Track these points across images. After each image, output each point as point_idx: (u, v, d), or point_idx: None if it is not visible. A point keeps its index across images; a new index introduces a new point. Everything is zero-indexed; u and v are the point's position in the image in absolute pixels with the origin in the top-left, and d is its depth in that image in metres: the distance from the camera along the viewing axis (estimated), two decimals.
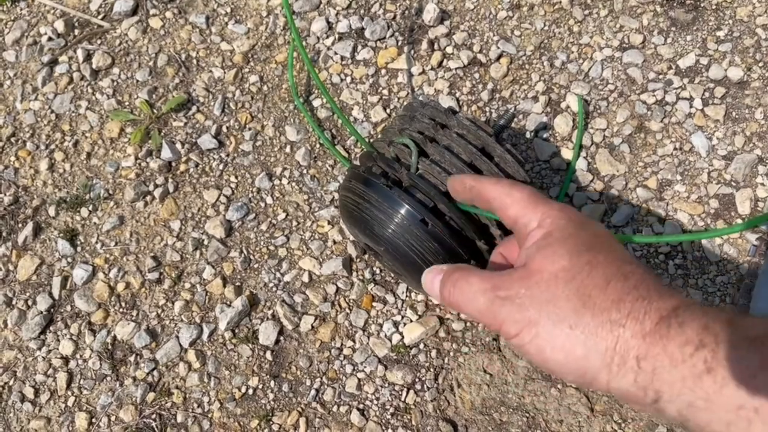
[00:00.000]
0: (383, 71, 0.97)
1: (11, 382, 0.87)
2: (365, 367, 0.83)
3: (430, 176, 0.64)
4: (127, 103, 1.00)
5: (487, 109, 0.93)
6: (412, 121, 0.70)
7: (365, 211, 0.67)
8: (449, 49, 0.96)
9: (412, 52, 0.97)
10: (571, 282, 0.38)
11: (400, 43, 0.98)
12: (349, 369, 0.83)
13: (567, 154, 0.89)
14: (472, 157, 0.64)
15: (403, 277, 0.76)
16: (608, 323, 0.36)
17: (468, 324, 0.83)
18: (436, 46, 0.97)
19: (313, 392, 0.82)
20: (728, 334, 0.31)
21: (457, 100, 0.93)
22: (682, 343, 0.32)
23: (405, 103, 0.90)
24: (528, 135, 0.91)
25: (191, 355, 0.85)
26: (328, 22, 1.00)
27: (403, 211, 0.64)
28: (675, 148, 0.87)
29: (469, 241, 0.65)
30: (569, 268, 0.38)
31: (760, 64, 0.89)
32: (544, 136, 0.90)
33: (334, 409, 0.82)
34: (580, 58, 0.94)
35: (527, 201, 0.44)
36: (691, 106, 0.89)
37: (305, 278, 0.87)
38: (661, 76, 0.91)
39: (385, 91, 0.96)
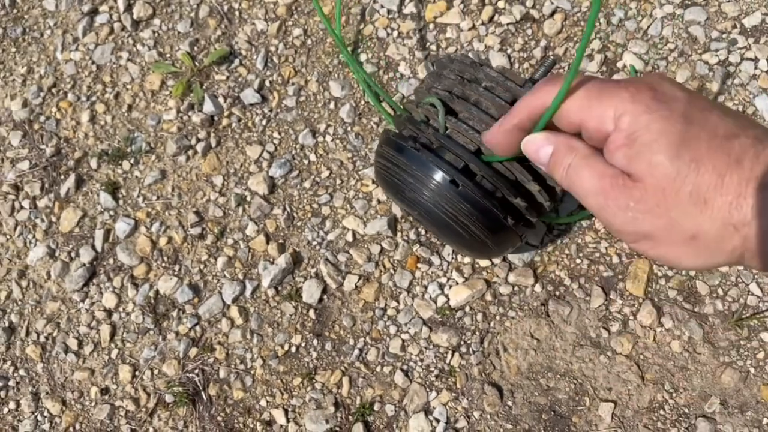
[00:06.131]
0: (431, 26, 0.94)
1: (55, 333, 0.87)
2: (409, 328, 0.82)
3: (458, 135, 0.62)
4: (168, 55, 0.98)
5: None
6: (440, 78, 0.67)
7: (396, 176, 0.65)
8: (501, 4, 0.93)
9: (462, 5, 0.93)
10: (681, 190, 0.34)
11: None
12: (393, 330, 0.82)
13: None
14: (501, 111, 0.61)
15: (444, 240, 0.74)
16: (731, 226, 0.33)
17: (515, 288, 0.81)
18: (487, 0, 0.93)
19: (356, 352, 0.81)
20: None
21: (509, 56, 0.90)
22: None
23: (435, 61, 0.87)
24: None
25: (234, 312, 0.84)
26: None
27: (432, 174, 0.61)
28: None
29: (504, 199, 0.62)
30: (674, 176, 0.34)
31: None
32: None
33: (378, 369, 0.81)
34: (638, 15, 0.90)
35: (588, 97, 0.36)
36: (755, 68, 0.85)
37: (349, 237, 0.86)
38: (724, 35, 0.87)
39: (433, 47, 0.92)
